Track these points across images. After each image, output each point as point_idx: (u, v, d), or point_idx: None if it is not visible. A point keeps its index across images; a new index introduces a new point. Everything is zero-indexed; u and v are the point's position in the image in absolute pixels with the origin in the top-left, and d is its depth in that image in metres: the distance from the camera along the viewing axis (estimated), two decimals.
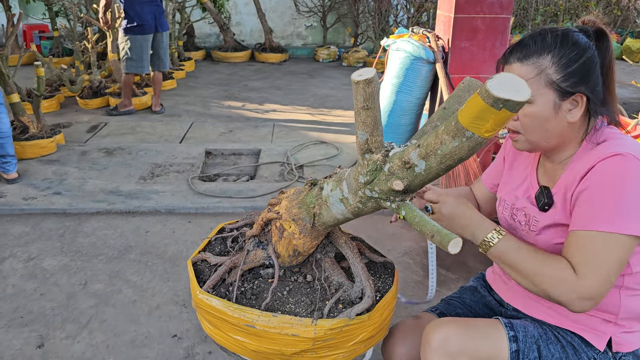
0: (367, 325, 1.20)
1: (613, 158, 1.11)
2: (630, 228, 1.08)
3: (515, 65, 1.18)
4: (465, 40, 3.38)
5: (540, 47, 1.16)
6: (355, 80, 0.98)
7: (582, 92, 1.15)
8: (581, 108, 1.17)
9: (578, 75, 1.15)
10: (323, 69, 8.19)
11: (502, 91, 0.85)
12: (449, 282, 2.61)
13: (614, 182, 1.10)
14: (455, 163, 0.95)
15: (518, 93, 0.85)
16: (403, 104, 3.58)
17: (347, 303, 1.22)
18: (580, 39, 1.17)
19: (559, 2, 10.24)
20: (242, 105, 5.85)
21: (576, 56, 1.15)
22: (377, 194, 1.04)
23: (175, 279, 2.58)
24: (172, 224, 3.14)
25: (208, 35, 9.23)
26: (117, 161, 4.04)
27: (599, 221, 1.10)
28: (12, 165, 3.57)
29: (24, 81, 5.86)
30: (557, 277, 1.10)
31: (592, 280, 1.08)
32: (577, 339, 1.24)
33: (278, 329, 1.16)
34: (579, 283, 1.08)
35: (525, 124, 1.18)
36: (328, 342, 1.17)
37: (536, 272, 1.11)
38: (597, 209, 1.11)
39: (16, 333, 2.19)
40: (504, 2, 3.30)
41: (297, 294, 1.25)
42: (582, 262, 1.10)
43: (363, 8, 8.59)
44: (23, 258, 2.75)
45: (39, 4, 8.28)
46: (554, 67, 1.15)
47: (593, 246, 1.10)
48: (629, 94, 6.68)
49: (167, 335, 2.19)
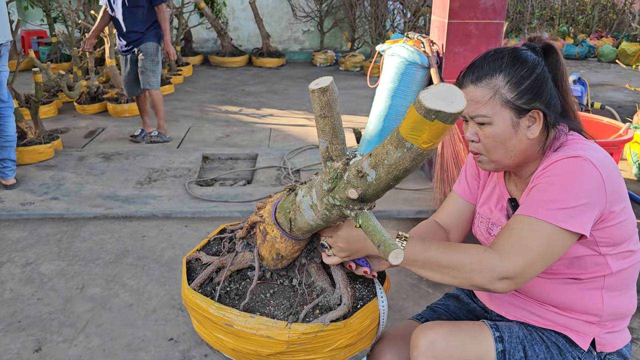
0: (344, 332, 1.20)
1: (568, 159, 1.12)
2: (567, 222, 1.08)
3: (470, 88, 1.19)
4: (459, 45, 3.41)
5: (492, 68, 1.18)
6: (311, 89, 1.00)
7: (538, 108, 1.17)
8: (539, 124, 1.18)
9: (531, 92, 1.17)
10: (320, 73, 8.23)
11: (435, 102, 0.84)
12: (443, 285, 2.63)
13: (563, 179, 1.11)
14: (402, 174, 0.95)
15: (451, 105, 0.85)
16: (398, 109, 3.61)
17: (325, 309, 1.23)
18: (529, 56, 1.19)
19: (554, 6, 10.31)
20: (240, 110, 5.89)
21: (526, 73, 1.17)
22: (339, 201, 1.06)
23: (171, 283, 2.60)
24: (168, 228, 3.16)
25: (206, 40, 9.27)
26: (114, 166, 4.06)
27: (535, 209, 1.11)
28: (11, 170, 3.59)
29: (23, 87, 5.89)
30: (476, 260, 1.08)
31: (512, 259, 1.07)
32: (562, 339, 1.26)
33: (254, 329, 1.17)
34: (499, 262, 1.07)
35: (487, 145, 1.20)
36: (303, 346, 1.18)
37: (453, 263, 1.10)
38: (537, 199, 1.12)
39: (13, 337, 2.21)
40: (497, 8, 3.34)
41: (279, 296, 1.27)
42: (505, 242, 1.10)
43: (360, 13, 8.63)
44: (21, 263, 2.77)
45: (37, 10, 8.31)
46: (507, 86, 1.16)
47: (520, 230, 1.10)
48: (624, 97, 6.72)
49: (164, 339, 2.21)
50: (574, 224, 1.08)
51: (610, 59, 9.15)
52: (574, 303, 1.24)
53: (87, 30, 5.97)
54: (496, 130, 1.18)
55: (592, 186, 1.10)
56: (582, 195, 1.09)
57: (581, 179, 1.10)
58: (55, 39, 7.46)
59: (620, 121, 3.44)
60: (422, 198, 3.51)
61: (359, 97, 6.57)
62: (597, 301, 1.23)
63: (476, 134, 1.21)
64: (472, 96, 1.18)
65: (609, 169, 1.12)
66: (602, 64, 9.11)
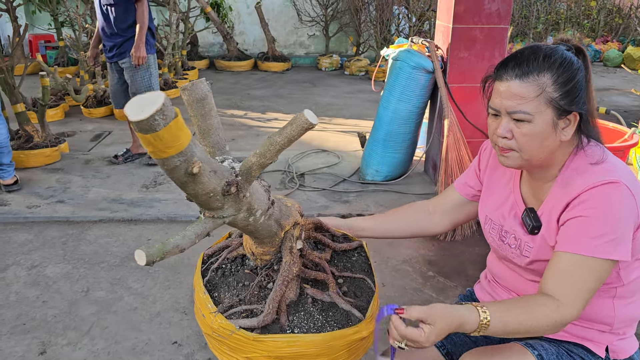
0: (255, 345, 1.17)
1: (606, 187, 1.12)
2: (614, 253, 1.10)
3: (514, 83, 1.13)
4: (463, 50, 3.42)
5: (540, 65, 1.13)
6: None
7: (576, 111, 1.15)
8: (573, 126, 1.16)
9: (573, 94, 1.14)
10: (325, 77, 8.25)
11: (133, 113, 0.79)
12: (447, 290, 2.63)
13: (603, 210, 1.11)
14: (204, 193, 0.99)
15: (141, 112, 0.79)
16: (403, 113, 3.62)
17: (251, 314, 1.23)
18: (573, 57, 1.16)
19: (560, 10, 10.29)
20: (245, 114, 5.90)
21: (572, 75, 1.14)
22: None
23: (176, 286, 2.61)
24: (173, 232, 3.17)
25: (212, 44, 9.31)
26: (120, 169, 4.08)
27: (586, 247, 1.11)
28: (6, 172, 3.58)
29: (30, 90, 5.93)
30: (551, 321, 1.10)
31: (573, 307, 1.11)
32: (583, 350, 1.26)
33: (201, 308, 1.27)
34: (561, 311, 1.10)
35: (522, 143, 1.16)
36: (224, 341, 1.21)
37: (532, 330, 1.11)
38: (583, 233, 1.12)
39: (18, 340, 2.22)
40: (502, 13, 3.34)
41: (244, 289, 1.31)
42: (564, 288, 1.12)
43: (365, 17, 8.65)
44: (26, 265, 2.79)
45: (45, 15, 8.38)
46: (554, 85, 1.13)
47: (576, 271, 1.12)
48: (630, 101, 6.70)
49: (168, 342, 2.21)
50: (620, 253, 1.11)
51: (616, 63, 9.12)
52: (589, 313, 1.24)
53: (93, 34, 6.01)
54: (535, 128, 1.14)
55: (630, 211, 1.12)
56: (622, 223, 1.11)
57: (620, 206, 1.11)
58: (62, 43, 7.51)
59: (626, 126, 3.43)
60: None
61: (364, 101, 6.58)
62: (609, 310, 1.23)
63: (510, 130, 1.16)
64: (517, 91, 1.13)
65: (637, 187, 1.14)
66: (607, 69, 9.08)
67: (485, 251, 3.04)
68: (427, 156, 3.96)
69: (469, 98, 3.50)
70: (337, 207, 3.46)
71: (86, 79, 6.04)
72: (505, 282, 1.39)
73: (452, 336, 1.45)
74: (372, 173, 3.81)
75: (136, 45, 3.86)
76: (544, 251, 1.22)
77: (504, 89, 1.14)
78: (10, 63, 4.04)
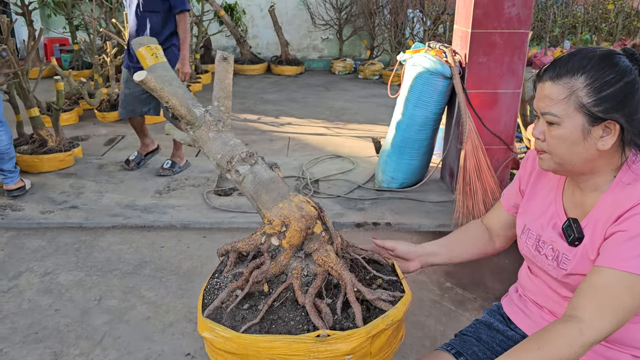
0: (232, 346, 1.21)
1: None
2: None
3: (547, 84, 1.11)
4: (482, 55, 3.35)
5: (574, 67, 1.08)
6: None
7: (616, 120, 1.07)
8: (614, 136, 1.09)
9: (613, 101, 1.06)
10: (339, 81, 8.20)
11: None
12: (466, 302, 2.56)
13: None
14: None
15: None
16: (419, 119, 3.55)
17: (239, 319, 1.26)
18: (621, 61, 1.07)
19: (577, 14, 10.15)
20: (258, 118, 5.87)
21: (613, 80, 1.06)
22: None
23: (189, 295, 2.57)
24: (187, 239, 3.14)
25: (225, 47, 9.31)
26: (133, 175, 4.06)
27: (627, 262, 1.04)
28: (9, 179, 3.55)
29: (44, 94, 5.95)
30: (566, 346, 1.03)
31: (601, 327, 1.03)
32: None
33: None
34: (585, 334, 1.03)
35: (552, 145, 1.13)
36: None
37: (547, 357, 1.04)
38: (628, 249, 1.05)
39: (30, 349, 2.19)
40: (522, 17, 3.27)
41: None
42: (594, 306, 1.05)
43: (379, 21, 8.60)
44: (39, 272, 2.77)
45: (60, 18, 8.43)
46: (586, 89, 1.06)
47: (613, 288, 1.05)
48: None
49: (181, 354, 2.17)
50: None
51: None
52: (622, 337, 1.17)
53: (108, 38, 6.02)
54: (564, 132, 1.10)
55: None
56: None
57: None
58: (77, 47, 7.55)
59: None
60: (444, 211, 3.43)
61: (378, 105, 6.52)
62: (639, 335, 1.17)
63: (543, 132, 1.14)
64: (548, 92, 1.10)
65: None
66: None
67: (504, 261, 2.98)
68: (444, 163, 3.89)
69: (488, 104, 3.43)
70: (352, 214, 3.41)
71: (100, 82, 6.05)
72: (537, 297, 1.33)
73: (463, 335, 1.42)
74: (387, 180, 3.75)
75: (182, 61, 3.77)
76: (583, 264, 1.16)
77: (539, 90, 1.14)
78: (25, 67, 4.04)
